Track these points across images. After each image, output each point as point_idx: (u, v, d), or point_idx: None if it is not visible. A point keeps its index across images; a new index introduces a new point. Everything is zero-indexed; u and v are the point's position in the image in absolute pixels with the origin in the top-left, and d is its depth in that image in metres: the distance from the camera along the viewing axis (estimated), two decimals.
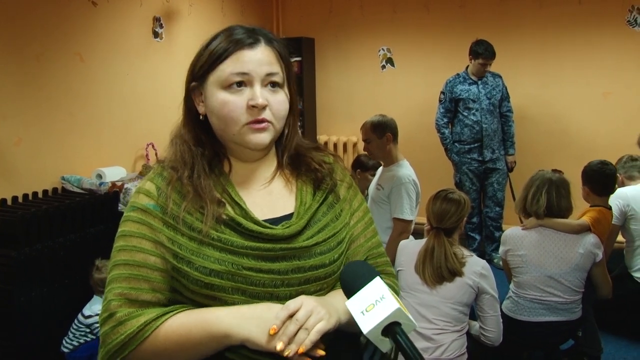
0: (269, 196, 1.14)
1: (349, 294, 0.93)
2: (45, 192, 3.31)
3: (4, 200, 3.05)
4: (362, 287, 0.91)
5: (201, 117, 1.11)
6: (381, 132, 3.09)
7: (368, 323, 0.84)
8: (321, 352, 0.94)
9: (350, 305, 0.90)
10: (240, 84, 1.05)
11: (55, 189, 3.39)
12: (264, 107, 1.05)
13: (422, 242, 2.43)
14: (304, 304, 0.97)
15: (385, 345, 0.86)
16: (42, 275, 2.85)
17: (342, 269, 1.01)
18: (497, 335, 2.36)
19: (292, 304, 0.97)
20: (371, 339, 0.85)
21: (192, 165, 1.09)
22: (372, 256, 1.23)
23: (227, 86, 1.05)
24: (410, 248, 2.45)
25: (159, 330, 1.00)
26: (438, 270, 2.28)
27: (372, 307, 0.86)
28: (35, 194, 3.25)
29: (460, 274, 2.28)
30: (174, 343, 0.99)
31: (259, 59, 1.06)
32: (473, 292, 2.31)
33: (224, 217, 1.05)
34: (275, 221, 1.10)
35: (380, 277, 0.93)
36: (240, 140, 1.07)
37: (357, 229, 1.20)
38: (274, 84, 1.07)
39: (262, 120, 1.05)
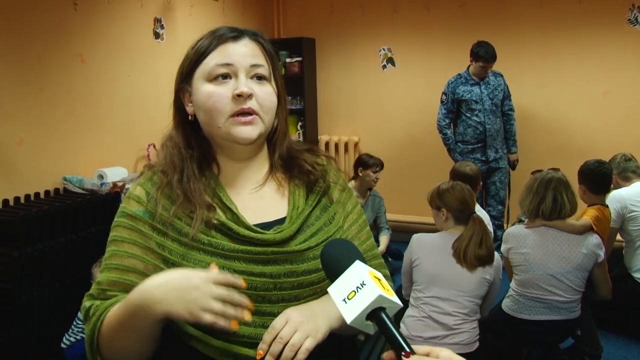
0: (260, 200, 1.13)
1: (331, 278, 0.91)
2: (47, 192, 3.32)
3: (6, 200, 3.07)
4: (343, 271, 0.88)
5: (190, 117, 1.11)
6: None
7: (350, 312, 0.82)
8: None
9: (332, 292, 0.87)
10: (225, 76, 1.05)
11: (57, 190, 3.40)
12: (249, 96, 1.04)
13: (437, 235, 2.50)
14: (290, 320, 0.95)
15: (370, 329, 0.84)
16: (43, 275, 2.86)
17: (322, 249, 0.98)
18: (489, 310, 2.59)
19: (277, 322, 0.95)
20: (355, 326, 0.83)
21: (182, 168, 1.08)
22: (367, 258, 1.20)
23: (213, 79, 1.05)
24: (428, 241, 2.49)
25: (105, 320, 1.01)
26: (486, 251, 2.37)
27: (353, 294, 0.83)
28: (37, 194, 3.26)
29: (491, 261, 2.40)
30: (112, 330, 1.00)
31: (243, 51, 1.07)
32: (488, 286, 2.41)
33: (215, 221, 1.05)
34: (267, 225, 1.08)
35: (363, 260, 0.91)
36: (226, 134, 1.06)
37: (351, 232, 1.19)
38: (260, 77, 1.07)
39: (249, 112, 1.04)
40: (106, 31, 3.82)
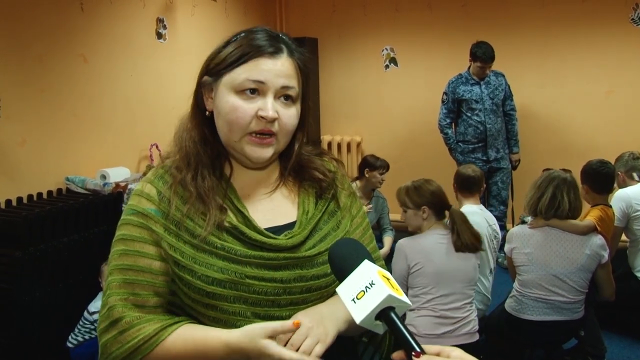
0: (270, 204, 1.13)
1: (339, 278, 0.91)
2: (49, 192, 3.33)
3: (9, 200, 3.07)
4: (351, 271, 0.87)
5: (207, 113, 1.08)
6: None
7: (360, 312, 0.82)
8: None
9: (341, 292, 0.87)
10: (253, 91, 1.02)
11: (59, 190, 3.41)
12: (272, 120, 1.02)
13: (422, 236, 2.51)
14: (300, 325, 0.95)
15: (380, 328, 0.84)
16: (45, 275, 2.86)
17: (330, 249, 0.97)
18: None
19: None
20: (365, 326, 0.82)
21: (196, 165, 1.07)
22: None
23: (240, 91, 1.02)
24: (420, 244, 2.49)
25: (160, 347, 0.99)
26: (476, 237, 2.48)
27: (362, 294, 0.83)
28: (39, 194, 3.26)
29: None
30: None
31: (278, 69, 1.03)
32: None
33: (227, 224, 1.04)
34: (277, 229, 1.08)
35: (370, 258, 0.90)
36: (240, 150, 1.05)
37: (355, 235, 1.19)
38: (288, 97, 1.05)
39: (268, 133, 1.03)
40: (108, 31, 3.82)
